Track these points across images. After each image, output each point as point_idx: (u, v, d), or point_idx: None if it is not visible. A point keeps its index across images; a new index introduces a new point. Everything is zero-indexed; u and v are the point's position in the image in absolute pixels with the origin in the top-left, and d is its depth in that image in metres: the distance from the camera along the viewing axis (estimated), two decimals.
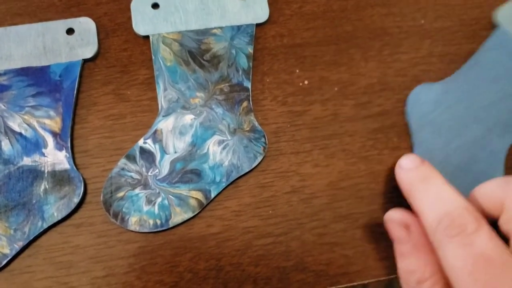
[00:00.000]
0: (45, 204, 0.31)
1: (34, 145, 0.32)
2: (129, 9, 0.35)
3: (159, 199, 0.32)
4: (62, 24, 0.34)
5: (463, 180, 0.32)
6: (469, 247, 0.24)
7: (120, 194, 0.31)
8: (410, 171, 0.29)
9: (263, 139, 0.33)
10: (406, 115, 0.35)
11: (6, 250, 0.30)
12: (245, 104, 0.34)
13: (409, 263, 0.27)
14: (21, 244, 0.30)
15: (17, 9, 0.35)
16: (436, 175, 0.28)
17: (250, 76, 0.34)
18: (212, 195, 0.32)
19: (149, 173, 0.32)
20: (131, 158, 0.32)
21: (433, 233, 0.26)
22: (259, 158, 0.33)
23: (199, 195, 0.32)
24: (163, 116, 0.33)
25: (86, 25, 0.35)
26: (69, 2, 0.36)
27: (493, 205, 0.27)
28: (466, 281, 0.23)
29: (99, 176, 0.32)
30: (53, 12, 0.35)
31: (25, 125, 0.32)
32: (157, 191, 0.32)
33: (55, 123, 0.32)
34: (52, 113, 0.33)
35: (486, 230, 0.25)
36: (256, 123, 0.34)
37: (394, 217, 0.29)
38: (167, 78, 0.34)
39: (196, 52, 0.35)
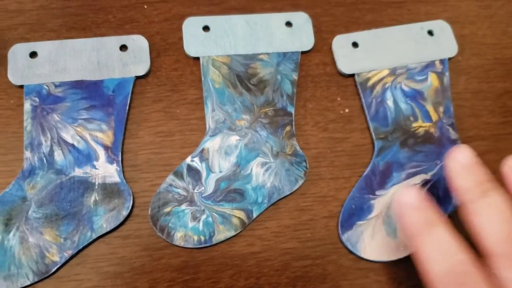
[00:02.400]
0: (94, 215, 0.32)
1: (86, 157, 0.33)
2: (180, 30, 0.37)
3: (204, 216, 0.33)
4: (116, 41, 0.36)
5: None
6: None
7: (167, 209, 0.33)
8: (413, 210, 0.28)
9: (304, 163, 0.35)
10: None
11: (56, 258, 0.31)
12: (288, 128, 0.35)
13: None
14: (70, 252, 0.31)
15: (72, 23, 0.37)
16: (440, 221, 0.28)
17: (294, 102, 0.36)
18: (254, 215, 0.33)
19: (195, 190, 0.33)
20: (178, 175, 0.34)
21: (438, 285, 0.27)
22: (300, 182, 0.34)
23: (241, 214, 0.33)
24: (210, 136, 0.35)
25: (139, 43, 0.36)
26: (123, 19, 0.37)
27: None
28: None
29: (147, 191, 0.33)
30: (107, 28, 0.37)
31: (77, 137, 0.34)
32: (202, 208, 0.33)
33: (107, 137, 0.34)
34: (104, 126, 0.34)
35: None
36: (298, 148, 0.35)
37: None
38: (215, 99, 0.35)
39: (244, 76, 0.36)
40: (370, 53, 0.37)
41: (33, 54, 0.35)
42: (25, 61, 0.35)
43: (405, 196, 0.29)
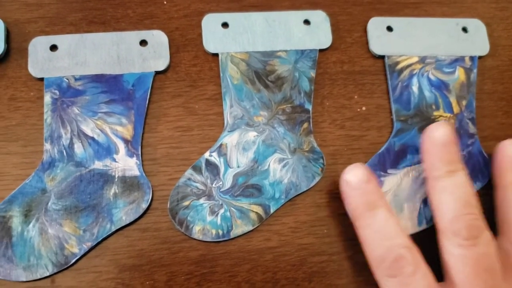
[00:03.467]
0: (114, 207, 0.32)
1: (106, 150, 0.33)
2: (199, 26, 0.37)
3: (222, 211, 0.33)
4: (136, 35, 0.36)
5: None
6: None
7: (186, 203, 0.33)
8: (356, 190, 0.30)
9: (321, 160, 0.35)
10: None
11: (75, 250, 0.31)
12: (305, 125, 0.36)
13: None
14: (89, 244, 0.32)
15: (92, 17, 0.37)
16: (382, 203, 0.30)
17: (311, 99, 0.36)
18: (271, 211, 0.33)
19: (213, 185, 0.34)
20: (197, 169, 0.34)
21: (375, 268, 0.29)
22: (317, 178, 0.34)
23: (259, 210, 0.33)
24: (228, 131, 0.35)
25: (158, 38, 0.36)
26: (142, 14, 0.37)
27: None
28: None
29: (166, 184, 0.34)
30: (127, 22, 0.37)
31: (97, 130, 0.34)
32: (220, 203, 0.33)
33: (127, 131, 0.34)
34: (124, 120, 0.34)
35: (422, 273, 0.28)
36: (315, 144, 0.35)
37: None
38: (234, 95, 0.36)
39: (262, 72, 0.36)
40: (403, 39, 0.38)
41: (53, 47, 0.35)
42: (45, 54, 0.35)
43: (349, 174, 0.31)
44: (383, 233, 0.29)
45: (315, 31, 0.38)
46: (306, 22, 0.38)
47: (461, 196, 0.29)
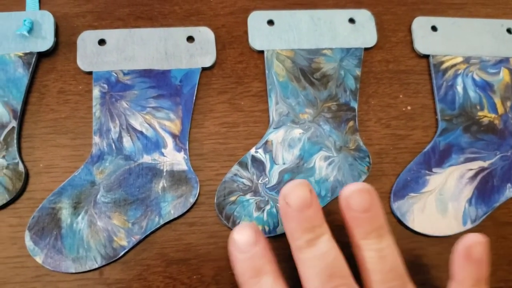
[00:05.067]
0: (162, 201, 0.32)
1: (154, 145, 0.34)
2: (245, 23, 0.37)
3: (268, 207, 0.33)
4: (183, 32, 0.36)
5: None
6: None
7: (232, 198, 0.33)
8: (242, 254, 0.27)
9: (367, 159, 0.35)
10: None
11: (124, 242, 0.32)
12: (351, 123, 0.36)
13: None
14: (138, 237, 0.32)
15: (139, 13, 0.37)
16: (268, 269, 0.27)
17: (357, 97, 0.36)
18: None
19: (259, 181, 0.34)
20: (243, 165, 0.34)
21: None
22: (363, 177, 0.34)
23: None
24: (274, 128, 0.35)
25: (205, 35, 0.36)
26: (189, 11, 0.38)
27: None
28: None
29: (212, 179, 0.34)
30: (174, 18, 0.37)
31: (146, 125, 0.34)
32: (266, 199, 0.33)
33: (175, 126, 0.34)
34: (172, 115, 0.34)
35: None
36: (361, 143, 0.35)
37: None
38: (279, 92, 0.36)
39: (307, 70, 0.36)
40: (447, 39, 0.38)
41: (101, 42, 0.36)
42: (94, 48, 0.35)
43: (237, 233, 0.27)
44: None
45: (360, 30, 0.38)
46: (351, 20, 0.38)
47: (324, 268, 0.26)
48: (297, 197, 0.26)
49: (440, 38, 0.38)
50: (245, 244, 0.27)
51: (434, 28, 0.38)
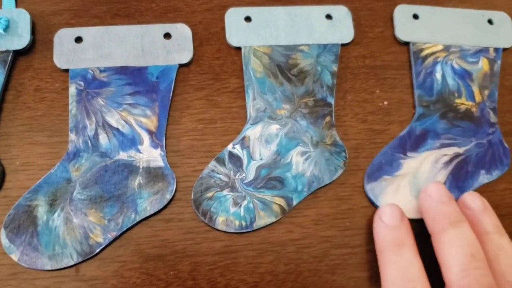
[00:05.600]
0: (138, 198, 0.33)
1: (131, 141, 0.34)
2: (222, 20, 0.37)
3: (245, 202, 0.33)
4: (160, 28, 0.36)
5: None
6: None
7: (209, 194, 0.33)
8: (388, 230, 0.31)
9: (343, 154, 0.35)
10: None
11: (100, 239, 0.32)
12: (327, 119, 0.36)
13: None
14: (114, 234, 0.32)
15: (116, 10, 0.37)
16: (409, 243, 0.30)
17: (334, 93, 0.36)
18: (294, 203, 0.34)
19: (236, 177, 0.34)
20: (220, 161, 0.34)
21: None
22: (340, 172, 0.35)
23: (282, 202, 0.33)
24: (251, 124, 0.35)
25: (182, 32, 0.36)
26: (166, 8, 0.38)
27: None
28: None
29: (189, 176, 0.34)
30: (150, 16, 0.37)
31: (122, 122, 0.34)
32: (243, 194, 0.33)
33: (151, 122, 0.34)
34: (148, 112, 0.34)
35: None
36: (338, 138, 0.35)
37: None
38: (256, 88, 0.36)
39: (284, 66, 0.37)
40: (428, 27, 0.39)
41: (78, 39, 0.36)
42: (71, 46, 0.35)
43: (388, 207, 0.32)
44: (405, 274, 0.29)
45: (337, 26, 0.38)
46: (328, 16, 0.38)
47: (467, 248, 0.29)
48: (439, 192, 0.32)
49: (421, 26, 0.39)
50: (395, 216, 0.31)
51: (415, 16, 0.39)
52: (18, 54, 0.35)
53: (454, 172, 0.35)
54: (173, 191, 0.33)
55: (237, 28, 0.37)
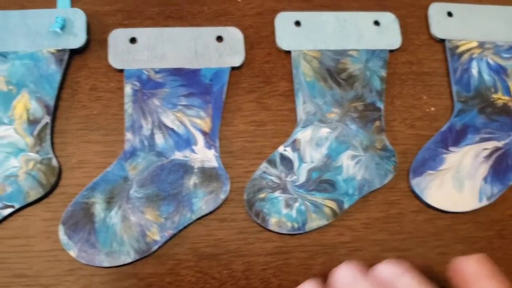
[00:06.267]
0: (194, 197, 0.33)
1: (186, 142, 0.34)
2: (272, 24, 0.38)
3: (297, 204, 0.34)
4: (212, 31, 0.37)
5: None
6: None
7: (262, 195, 0.34)
8: None
9: (393, 158, 0.36)
10: None
11: (157, 237, 0.32)
12: (377, 123, 0.36)
13: None
14: (170, 232, 0.32)
15: (169, 12, 0.38)
16: None
17: (383, 98, 0.37)
18: (345, 206, 0.34)
19: (288, 179, 0.34)
20: (272, 163, 0.35)
21: None
22: (390, 176, 0.35)
23: (333, 205, 0.34)
24: (301, 127, 0.36)
25: (234, 35, 0.37)
26: (217, 11, 0.38)
27: None
28: None
29: (241, 176, 0.34)
30: (203, 18, 0.38)
31: (177, 122, 0.35)
32: (295, 196, 0.34)
33: (205, 123, 0.35)
34: (202, 113, 0.35)
35: None
36: (387, 143, 0.36)
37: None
38: (306, 92, 0.36)
39: (334, 70, 0.37)
40: (463, 24, 0.39)
41: (132, 40, 0.36)
42: (125, 46, 0.36)
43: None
44: None
45: (385, 32, 0.38)
46: (376, 23, 0.39)
47: None
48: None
49: (455, 23, 0.39)
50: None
51: (450, 14, 0.40)
52: (73, 53, 0.36)
53: (494, 166, 0.36)
54: (227, 191, 0.33)
55: (287, 32, 0.38)
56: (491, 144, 0.37)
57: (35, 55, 0.35)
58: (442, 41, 0.39)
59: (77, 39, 0.36)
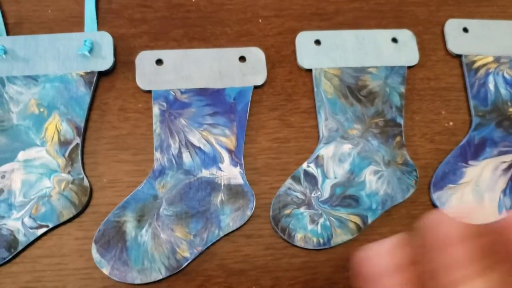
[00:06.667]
0: (221, 214, 0.34)
1: (212, 160, 0.35)
2: (293, 43, 0.39)
3: (322, 220, 0.35)
4: (235, 52, 0.38)
5: None
6: None
7: (287, 211, 0.35)
8: None
9: (414, 173, 0.36)
10: None
11: (186, 254, 0.33)
12: (398, 138, 0.37)
13: None
14: (199, 249, 0.33)
15: (193, 34, 0.39)
16: None
17: (403, 113, 0.38)
18: (369, 221, 0.35)
19: (312, 195, 0.35)
20: (296, 179, 0.35)
21: None
22: (411, 191, 0.36)
23: (357, 220, 0.35)
24: (324, 143, 0.37)
25: (256, 55, 0.38)
26: (240, 32, 0.39)
27: None
28: None
29: (266, 193, 0.35)
30: (225, 39, 0.39)
31: (203, 141, 0.36)
32: (320, 212, 0.35)
33: (230, 141, 0.36)
34: (227, 132, 0.36)
35: None
36: (408, 157, 0.37)
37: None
38: (328, 109, 0.37)
39: (354, 87, 0.38)
40: (478, 40, 0.40)
41: (158, 62, 0.37)
42: (152, 68, 0.37)
43: None
44: None
45: (402, 49, 0.39)
46: (394, 40, 0.40)
47: None
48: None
49: (471, 39, 0.40)
50: None
51: (465, 30, 0.41)
52: (101, 75, 0.37)
53: None
54: (253, 207, 0.34)
55: (307, 51, 0.39)
56: (509, 157, 0.37)
57: (65, 78, 0.36)
58: (459, 56, 0.40)
59: (105, 62, 0.37)
